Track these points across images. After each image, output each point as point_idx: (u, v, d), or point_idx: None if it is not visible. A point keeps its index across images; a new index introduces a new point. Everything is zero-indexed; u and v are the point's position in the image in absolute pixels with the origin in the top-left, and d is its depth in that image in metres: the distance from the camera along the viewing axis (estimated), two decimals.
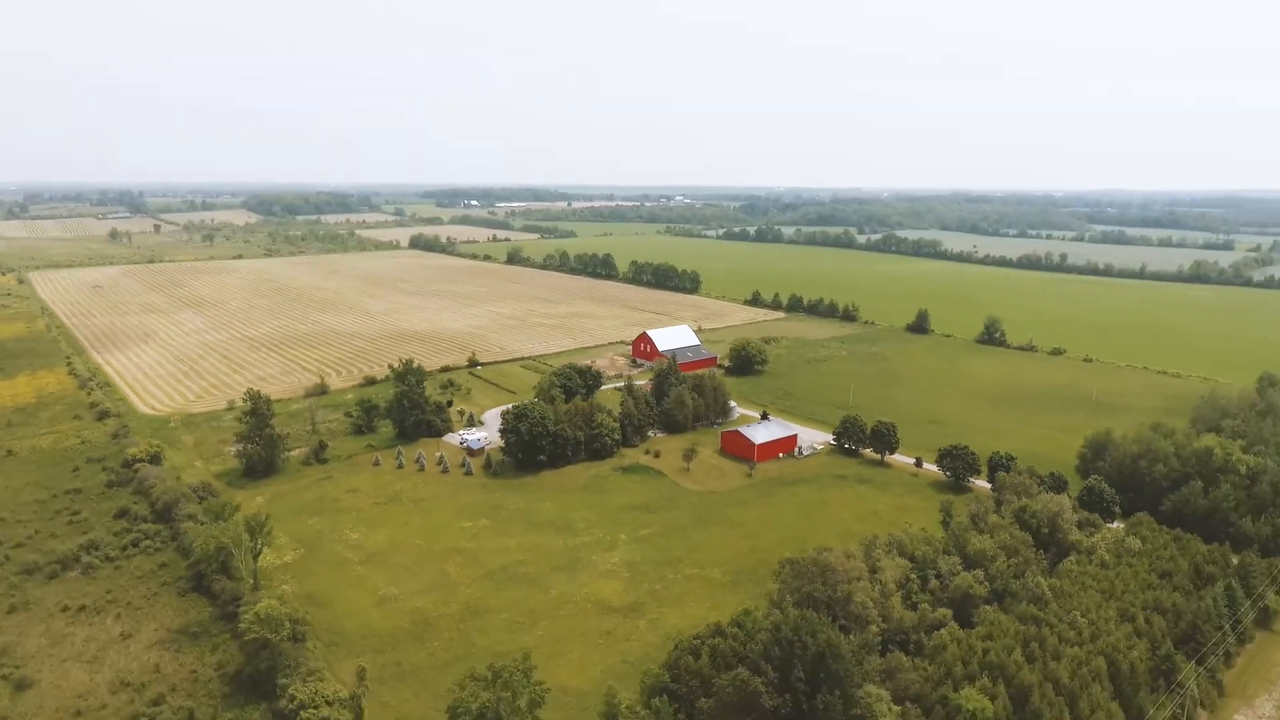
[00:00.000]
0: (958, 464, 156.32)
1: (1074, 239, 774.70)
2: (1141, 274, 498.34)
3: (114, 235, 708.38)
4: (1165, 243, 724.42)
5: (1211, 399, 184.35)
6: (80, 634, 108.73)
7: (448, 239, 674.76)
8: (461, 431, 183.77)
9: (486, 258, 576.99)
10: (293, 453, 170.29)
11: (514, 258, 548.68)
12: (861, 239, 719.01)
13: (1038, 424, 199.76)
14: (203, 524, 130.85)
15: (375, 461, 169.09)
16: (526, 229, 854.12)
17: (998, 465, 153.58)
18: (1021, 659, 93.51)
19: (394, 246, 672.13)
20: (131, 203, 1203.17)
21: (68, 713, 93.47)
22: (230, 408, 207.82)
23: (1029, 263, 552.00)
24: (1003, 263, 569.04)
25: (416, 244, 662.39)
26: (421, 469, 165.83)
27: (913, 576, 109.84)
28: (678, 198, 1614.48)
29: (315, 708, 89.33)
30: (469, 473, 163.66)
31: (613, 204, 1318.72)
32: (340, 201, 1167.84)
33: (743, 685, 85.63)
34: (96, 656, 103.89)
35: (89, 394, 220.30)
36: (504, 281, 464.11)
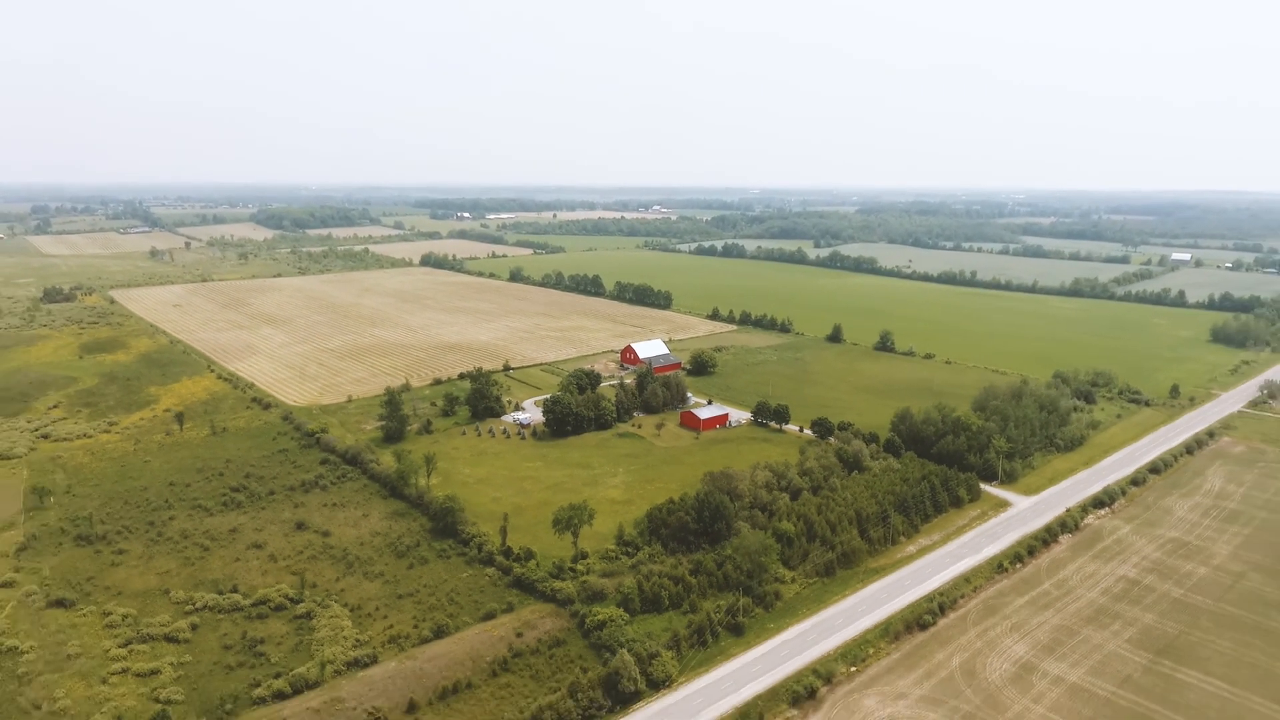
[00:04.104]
0: (821, 428, 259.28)
1: (1000, 252, 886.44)
2: (1033, 289, 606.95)
3: (154, 254, 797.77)
4: (1075, 255, 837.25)
5: (990, 389, 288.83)
6: (340, 515, 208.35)
7: (453, 256, 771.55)
8: (513, 414, 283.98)
9: (491, 275, 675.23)
10: (410, 427, 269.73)
11: (516, 275, 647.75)
12: (812, 255, 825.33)
13: (889, 405, 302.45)
14: (379, 465, 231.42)
15: (463, 432, 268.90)
16: (519, 244, 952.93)
17: (842, 427, 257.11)
18: (815, 511, 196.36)
19: (407, 264, 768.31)
20: (143, 215, 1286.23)
21: (355, 544, 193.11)
22: (349, 401, 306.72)
23: (946, 278, 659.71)
24: (925, 278, 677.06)
25: (427, 261, 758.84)
26: (492, 436, 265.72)
27: (772, 480, 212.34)
28: (655, 206, 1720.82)
29: (480, 536, 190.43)
30: (523, 439, 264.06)
31: (595, 215, 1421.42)
32: (342, 215, 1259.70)
33: (681, 519, 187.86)
34: (355, 524, 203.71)
35: (243, 392, 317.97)
36: (510, 299, 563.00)
